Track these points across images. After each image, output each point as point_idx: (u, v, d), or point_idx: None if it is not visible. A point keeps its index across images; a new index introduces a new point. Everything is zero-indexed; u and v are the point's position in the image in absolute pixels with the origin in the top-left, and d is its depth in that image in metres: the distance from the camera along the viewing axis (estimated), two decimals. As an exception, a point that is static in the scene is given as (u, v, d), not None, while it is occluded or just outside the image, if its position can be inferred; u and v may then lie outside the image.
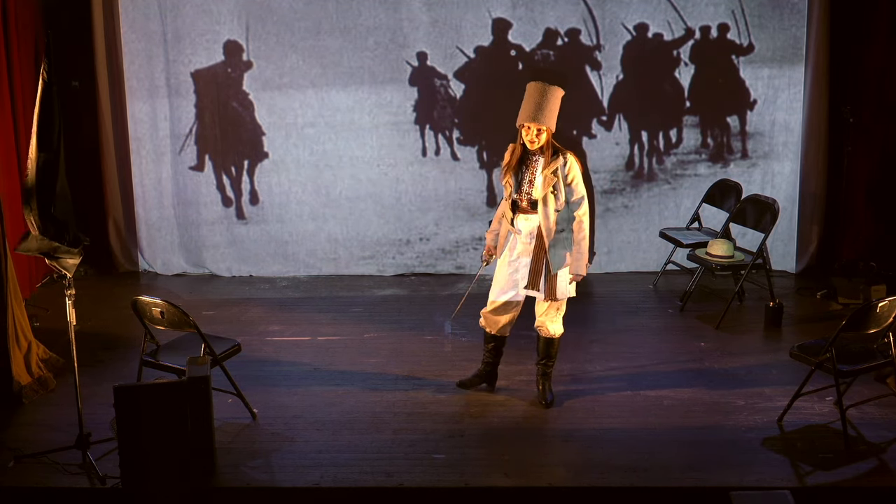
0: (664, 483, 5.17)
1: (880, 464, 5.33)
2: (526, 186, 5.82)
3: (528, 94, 5.75)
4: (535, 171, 5.80)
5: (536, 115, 5.68)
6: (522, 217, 5.88)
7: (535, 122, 5.69)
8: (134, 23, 8.34)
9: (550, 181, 5.76)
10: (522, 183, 5.82)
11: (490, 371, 6.25)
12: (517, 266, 5.94)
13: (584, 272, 5.87)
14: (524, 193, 5.83)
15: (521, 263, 5.93)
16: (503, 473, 5.28)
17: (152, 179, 8.62)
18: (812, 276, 8.29)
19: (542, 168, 5.77)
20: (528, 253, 5.88)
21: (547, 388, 6.10)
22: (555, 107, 5.73)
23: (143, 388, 5.22)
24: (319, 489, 5.18)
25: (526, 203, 5.84)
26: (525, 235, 5.88)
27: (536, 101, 5.69)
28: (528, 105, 5.72)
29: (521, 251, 5.91)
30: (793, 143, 8.36)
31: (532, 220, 5.85)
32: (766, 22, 8.21)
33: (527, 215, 5.86)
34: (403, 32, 8.29)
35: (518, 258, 5.93)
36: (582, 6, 8.22)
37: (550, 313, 5.99)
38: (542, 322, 6.01)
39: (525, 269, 5.91)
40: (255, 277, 8.67)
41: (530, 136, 5.73)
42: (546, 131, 5.73)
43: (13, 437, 5.71)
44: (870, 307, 5.51)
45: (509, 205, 5.89)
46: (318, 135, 8.49)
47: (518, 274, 5.95)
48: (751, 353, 6.82)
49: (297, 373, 6.59)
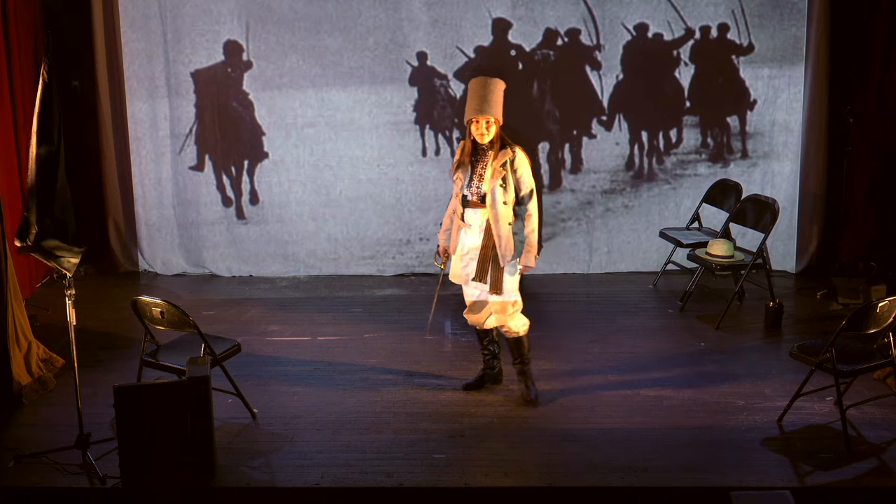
0: (664, 483, 5.17)
1: (880, 464, 5.33)
2: (476, 181, 5.88)
3: (472, 89, 5.81)
4: (484, 165, 5.86)
5: (483, 107, 5.74)
6: (471, 211, 5.92)
7: (483, 115, 5.75)
8: (134, 23, 8.34)
9: (499, 174, 5.80)
10: (472, 177, 5.89)
11: (491, 369, 6.25)
12: (467, 261, 6.00)
13: (534, 264, 5.96)
14: (474, 187, 5.88)
15: (469, 258, 5.98)
16: (503, 473, 5.28)
17: (152, 179, 8.62)
18: (812, 276, 8.29)
19: (491, 161, 5.83)
20: (477, 247, 5.93)
21: (529, 385, 6.12)
22: (499, 98, 5.80)
23: (143, 388, 5.23)
24: (319, 489, 5.18)
25: (475, 197, 5.89)
26: (475, 229, 5.93)
27: (481, 95, 5.76)
28: (474, 100, 5.78)
29: (471, 245, 5.96)
30: (793, 143, 8.36)
31: (481, 214, 5.89)
32: (766, 22, 8.21)
33: (476, 209, 5.91)
34: (403, 32, 8.29)
35: (468, 252, 5.99)
36: (582, 6, 8.22)
37: (508, 310, 5.99)
38: (503, 322, 6.03)
39: (473, 262, 5.96)
40: (255, 277, 8.67)
41: (480, 130, 5.80)
42: (495, 123, 5.80)
43: (13, 437, 5.71)
44: (870, 307, 5.51)
45: (460, 200, 5.95)
46: (318, 135, 8.49)
47: (468, 268, 5.99)
48: (751, 353, 6.82)
49: (297, 373, 6.59)
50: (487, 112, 5.76)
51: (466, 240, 5.99)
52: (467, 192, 5.91)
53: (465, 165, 5.90)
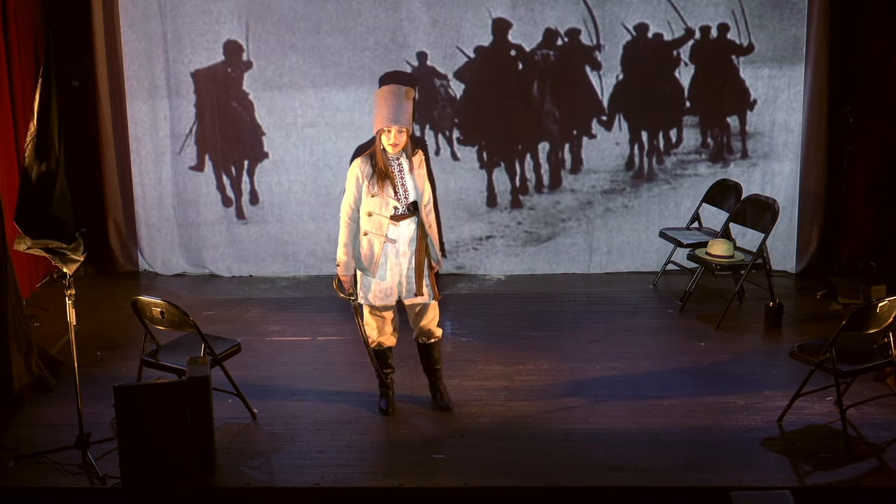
0: (664, 483, 5.17)
1: (880, 464, 5.33)
2: (402, 192, 5.68)
3: (383, 98, 5.58)
4: (403, 174, 5.68)
5: (398, 116, 5.54)
6: (400, 224, 5.69)
7: (398, 125, 5.56)
8: (134, 23, 8.34)
9: (423, 178, 5.70)
10: (396, 189, 5.68)
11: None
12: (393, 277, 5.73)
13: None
14: (401, 198, 5.67)
15: (395, 274, 5.73)
16: (503, 473, 5.28)
17: (152, 179, 8.62)
18: (812, 276, 8.28)
19: (408, 168, 5.69)
20: (406, 261, 5.73)
21: (445, 391, 6.04)
22: (410, 107, 5.61)
23: (143, 388, 5.23)
24: (319, 489, 5.18)
25: (404, 208, 5.69)
26: (402, 243, 5.70)
27: (394, 104, 5.53)
28: (386, 109, 5.54)
29: (395, 262, 5.72)
30: (793, 143, 8.36)
31: (406, 225, 5.70)
32: (766, 22, 8.21)
33: (402, 221, 5.68)
34: (403, 32, 8.29)
35: (391, 269, 5.73)
36: (582, 6, 8.22)
37: (434, 315, 5.90)
38: (429, 328, 5.90)
39: (403, 277, 5.74)
40: (255, 277, 8.67)
41: (392, 140, 5.59)
42: (406, 132, 5.62)
43: (13, 437, 5.71)
44: (870, 307, 5.51)
45: (384, 216, 5.64)
46: (318, 135, 8.49)
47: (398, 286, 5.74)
48: (751, 353, 6.82)
49: (297, 373, 6.59)
50: (402, 122, 5.55)
51: (389, 257, 5.70)
52: (398, 205, 5.66)
53: (390, 177, 5.65)
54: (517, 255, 8.62)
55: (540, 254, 8.61)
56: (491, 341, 7.08)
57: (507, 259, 8.63)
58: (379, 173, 5.63)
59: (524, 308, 7.84)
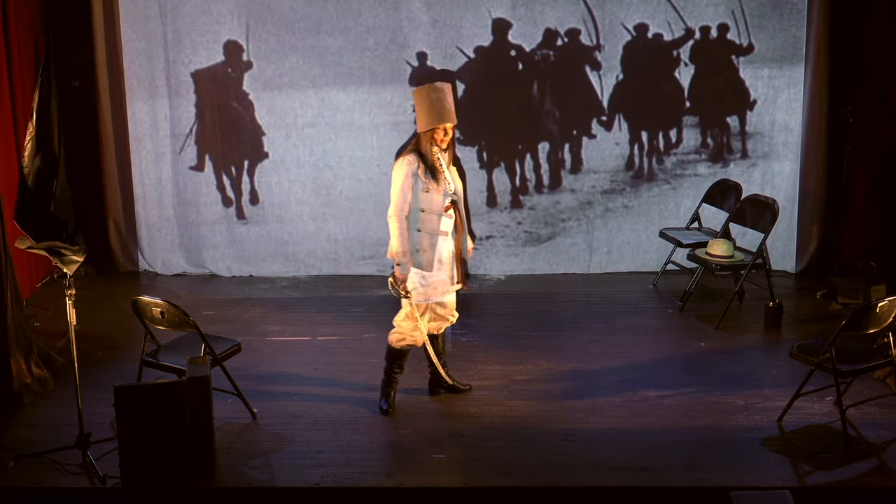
0: (664, 483, 5.17)
1: (880, 464, 5.33)
2: (449, 185, 5.80)
3: (427, 96, 5.65)
4: (445, 168, 5.80)
5: (449, 114, 5.67)
6: (446, 217, 5.81)
7: (450, 122, 5.70)
8: (134, 23, 8.34)
9: (455, 171, 5.85)
10: (447, 183, 5.78)
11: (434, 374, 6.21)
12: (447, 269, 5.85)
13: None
14: (450, 192, 5.80)
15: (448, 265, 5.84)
16: (503, 473, 5.28)
17: (152, 179, 8.63)
18: (812, 276, 8.28)
19: (447, 163, 5.80)
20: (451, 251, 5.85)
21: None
22: (453, 102, 5.77)
23: (143, 388, 5.23)
24: (319, 489, 5.18)
25: (450, 201, 5.81)
26: (450, 235, 5.85)
27: (442, 102, 5.64)
28: (436, 107, 5.63)
29: (447, 253, 5.83)
30: (793, 143, 8.36)
31: (449, 217, 5.81)
32: (765, 22, 8.21)
33: (445, 213, 5.79)
34: (403, 32, 8.29)
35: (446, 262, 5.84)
36: (582, 6, 8.22)
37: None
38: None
39: (451, 268, 5.87)
40: (255, 277, 8.67)
41: (445, 136, 5.71)
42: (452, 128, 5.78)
43: (13, 437, 5.71)
44: (870, 307, 5.51)
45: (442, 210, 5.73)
46: (318, 135, 8.49)
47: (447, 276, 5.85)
48: (751, 353, 6.82)
49: (297, 373, 6.59)
50: (455, 119, 5.72)
51: (443, 249, 5.82)
52: (451, 198, 5.78)
53: (440, 172, 5.76)
54: (517, 255, 8.63)
55: (540, 254, 8.61)
56: (491, 341, 7.08)
57: (507, 259, 8.63)
58: (431, 169, 5.73)
59: (524, 308, 7.84)
